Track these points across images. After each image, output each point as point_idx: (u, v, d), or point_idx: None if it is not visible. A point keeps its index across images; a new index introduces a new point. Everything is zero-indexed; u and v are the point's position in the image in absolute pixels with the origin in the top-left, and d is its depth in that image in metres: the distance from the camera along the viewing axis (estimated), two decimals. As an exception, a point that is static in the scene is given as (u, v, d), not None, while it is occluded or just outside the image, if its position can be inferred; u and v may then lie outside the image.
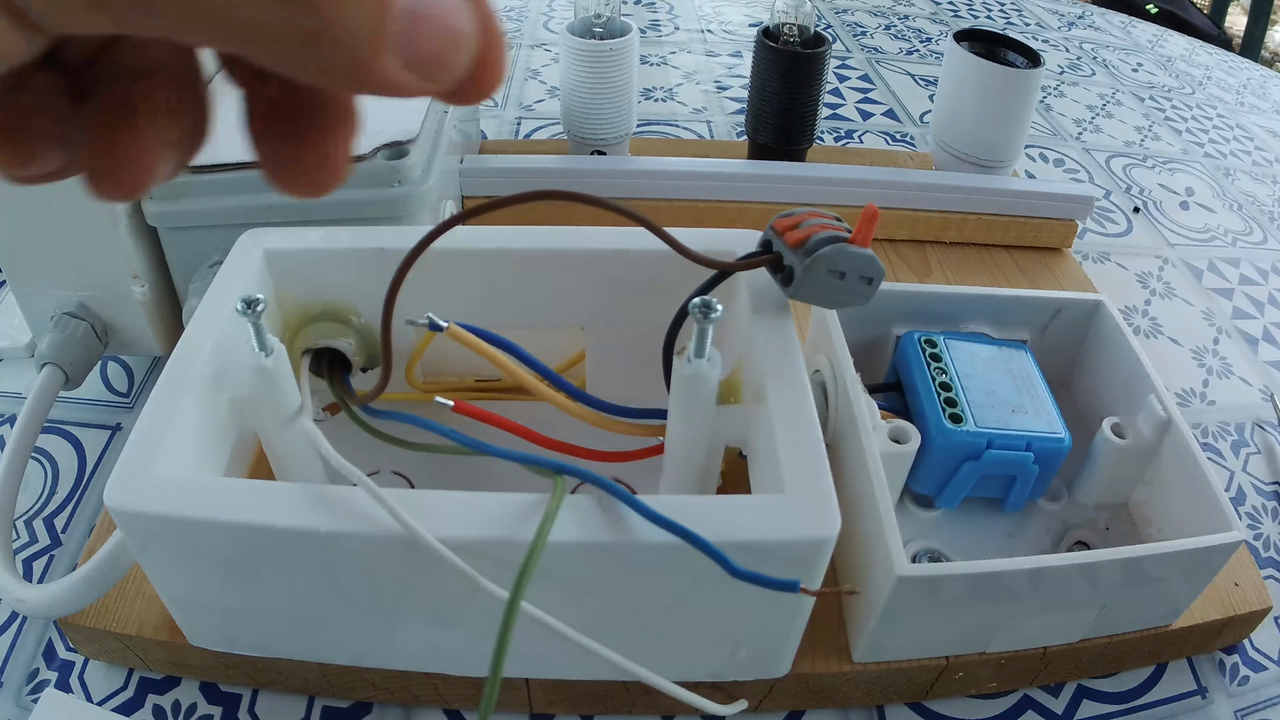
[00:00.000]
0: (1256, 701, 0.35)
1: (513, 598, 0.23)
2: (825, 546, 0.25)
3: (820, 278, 0.29)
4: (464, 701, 0.33)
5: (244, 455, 0.33)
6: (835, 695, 0.34)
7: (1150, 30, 1.01)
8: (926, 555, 0.36)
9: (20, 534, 0.39)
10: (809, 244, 0.29)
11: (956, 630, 0.32)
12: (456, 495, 0.26)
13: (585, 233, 0.35)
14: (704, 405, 0.29)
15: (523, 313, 0.36)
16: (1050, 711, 0.35)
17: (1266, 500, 0.44)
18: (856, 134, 0.72)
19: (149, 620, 0.32)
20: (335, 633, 0.30)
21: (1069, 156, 0.71)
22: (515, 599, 0.23)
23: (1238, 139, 0.78)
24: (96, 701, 0.33)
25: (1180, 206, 0.66)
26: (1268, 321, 0.56)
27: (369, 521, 0.25)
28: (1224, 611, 0.35)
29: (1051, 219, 0.55)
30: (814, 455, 0.27)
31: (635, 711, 0.33)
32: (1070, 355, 0.43)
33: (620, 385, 0.36)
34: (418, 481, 0.37)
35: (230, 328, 0.30)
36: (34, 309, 0.40)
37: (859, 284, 0.29)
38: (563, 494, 0.25)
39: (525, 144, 0.67)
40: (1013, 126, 0.54)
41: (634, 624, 0.28)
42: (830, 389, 0.36)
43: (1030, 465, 0.35)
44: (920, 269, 0.54)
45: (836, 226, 0.30)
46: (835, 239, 0.29)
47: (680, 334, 0.31)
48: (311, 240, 0.34)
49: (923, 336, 0.38)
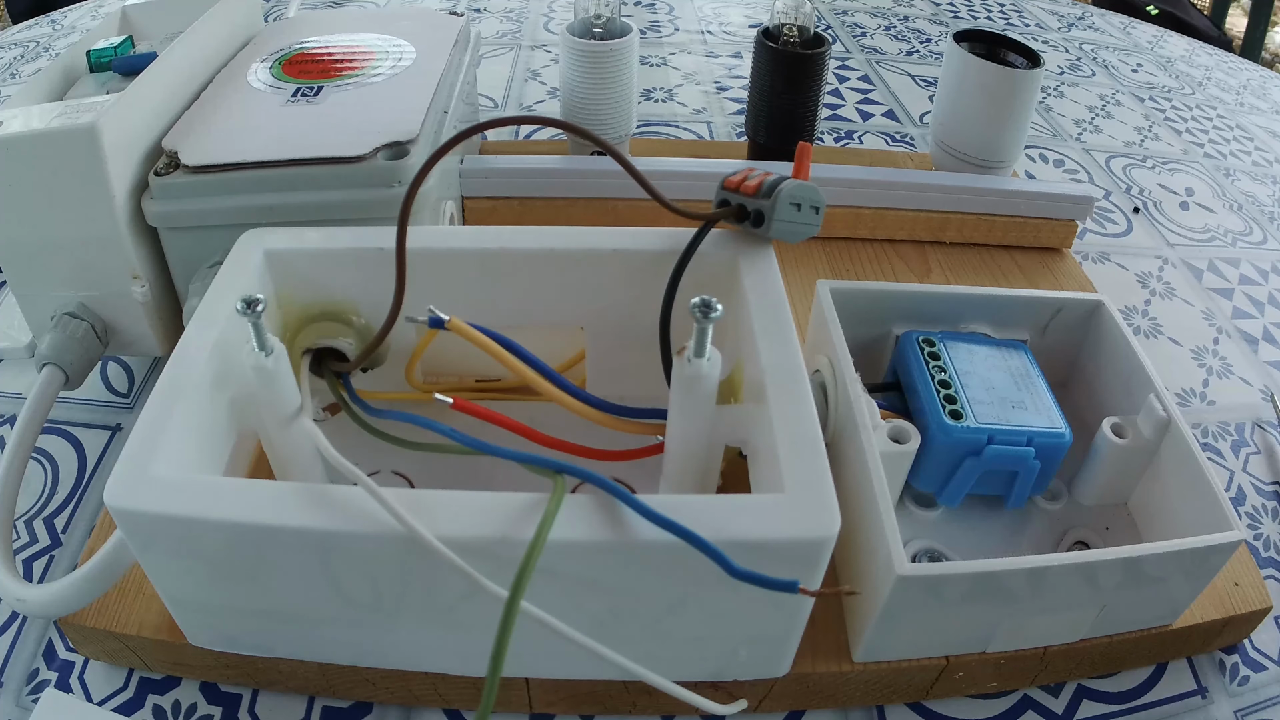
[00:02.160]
0: (1256, 701, 0.35)
1: (512, 596, 0.23)
2: (825, 546, 0.25)
3: (785, 210, 0.33)
4: (464, 701, 0.33)
5: (244, 455, 0.33)
6: (835, 695, 0.34)
7: (1150, 31, 1.01)
8: (926, 555, 0.36)
9: (20, 534, 0.39)
10: (765, 187, 0.33)
11: (956, 630, 0.32)
12: (456, 495, 0.26)
13: (585, 233, 0.35)
14: (704, 405, 0.29)
15: (523, 313, 0.36)
16: (1050, 711, 0.35)
17: (1266, 500, 0.44)
18: (856, 134, 0.72)
19: (149, 620, 0.32)
20: (335, 633, 0.30)
21: (1069, 157, 0.71)
22: (515, 598, 0.23)
23: (1238, 139, 0.78)
24: (96, 701, 0.33)
25: (1180, 207, 0.66)
26: (1268, 321, 0.56)
27: (369, 521, 0.25)
28: (1224, 611, 0.35)
29: (1051, 219, 0.55)
30: (814, 455, 0.27)
31: (635, 711, 0.33)
32: (1070, 355, 0.43)
33: (620, 385, 0.36)
34: (417, 481, 0.37)
35: (230, 328, 0.30)
36: (34, 309, 0.40)
37: (810, 213, 0.33)
38: (563, 493, 0.25)
39: (525, 144, 0.67)
40: (1012, 127, 0.54)
41: (634, 623, 0.28)
42: (830, 389, 0.36)
43: (1031, 461, 0.35)
44: (920, 269, 0.54)
45: (775, 173, 0.34)
46: (784, 178, 0.33)
47: (679, 333, 0.31)
48: (311, 240, 0.34)
49: (921, 336, 0.38)
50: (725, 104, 0.75)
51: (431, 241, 0.35)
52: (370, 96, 0.44)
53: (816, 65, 0.53)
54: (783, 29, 0.54)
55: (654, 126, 0.71)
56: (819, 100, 0.55)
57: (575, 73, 0.52)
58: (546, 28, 0.88)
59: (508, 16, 0.90)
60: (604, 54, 0.51)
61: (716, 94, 0.77)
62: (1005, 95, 0.52)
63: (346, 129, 0.41)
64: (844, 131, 0.72)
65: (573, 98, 0.53)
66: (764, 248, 0.34)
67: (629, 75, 0.52)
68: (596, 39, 0.52)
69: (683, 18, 0.93)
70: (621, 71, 0.52)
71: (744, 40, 0.88)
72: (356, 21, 0.53)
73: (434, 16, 0.54)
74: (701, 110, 0.74)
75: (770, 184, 0.33)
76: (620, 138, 0.55)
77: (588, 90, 0.52)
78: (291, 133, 0.41)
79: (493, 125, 0.33)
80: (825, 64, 0.53)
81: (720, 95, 0.77)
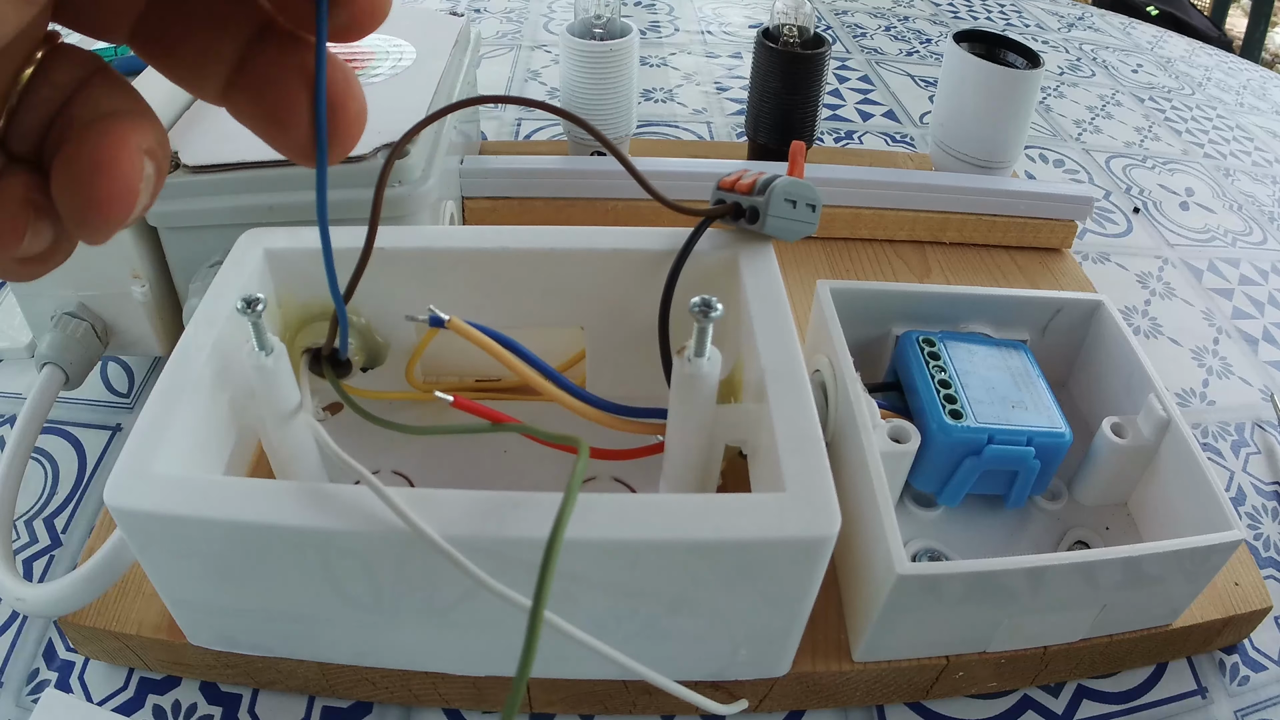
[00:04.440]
0: (1256, 701, 0.35)
1: (545, 566, 0.21)
2: (825, 545, 0.25)
3: (779, 207, 0.33)
4: (464, 701, 0.33)
5: (244, 455, 0.33)
6: (835, 695, 0.34)
7: (1150, 31, 1.01)
8: (926, 554, 0.36)
9: (20, 534, 0.39)
10: (759, 184, 0.33)
11: (956, 630, 0.32)
12: (456, 493, 0.26)
13: (585, 233, 0.35)
14: (704, 404, 0.29)
15: (523, 313, 0.36)
16: (1050, 711, 0.35)
17: (1266, 500, 0.44)
18: (856, 135, 0.72)
19: (149, 620, 0.32)
20: (335, 632, 0.30)
21: (1069, 157, 0.71)
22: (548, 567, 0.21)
23: (1237, 139, 0.78)
24: (96, 701, 0.33)
25: (1180, 207, 0.66)
26: (1268, 321, 0.56)
27: (369, 520, 0.25)
28: (1224, 611, 0.35)
29: (1051, 219, 0.55)
30: (814, 454, 0.27)
31: (635, 711, 0.33)
32: (1070, 355, 0.43)
33: (620, 385, 0.36)
34: (417, 481, 0.37)
35: (230, 327, 0.30)
36: (34, 309, 0.40)
37: (806, 211, 0.33)
38: (586, 457, 0.24)
39: (525, 145, 0.67)
40: (1012, 127, 0.54)
41: (634, 623, 0.28)
42: (830, 389, 0.36)
43: (1031, 460, 0.35)
44: (920, 269, 0.54)
45: (770, 171, 0.34)
46: (778, 176, 0.33)
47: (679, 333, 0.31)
48: (311, 240, 0.34)
49: (921, 336, 0.38)
50: (725, 104, 0.75)
51: (432, 241, 0.35)
52: (370, 97, 0.44)
53: (816, 65, 0.53)
54: (782, 29, 0.54)
55: (654, 127, 0.71)
56: (819, 100, 0.55)
57: (575, 73, 0.52)
58: (546, 28, 0.88)
59: (508, 17, 0.90)
60: (604, 54, 0.51)
61: (716, 94, 0.77)
62: (1005, 95, 0.52)
63: (346, 129, 0.40)
64: (844, 132, 0.72)
65: (573, 98, 0.53)
66: (764, 247, 0.34)
67: (629, 75, 0.52)
68: (596, 39, 0.52)
69: (683, 18, 0.93)
70: (621, 72, 0.52)
71: (744, 40, 0.88)
72: (356, 22, 0.53)
73: (434, 17, 0.54)
74: (701, 110, 0.74)
75: (764, 182, 0.33)
76: (620, 138, 0.55)
77: (588, 90, 0.52)
78: (291, 133, 0.40)
79: (487, 100, 0.34)
80: (825, 64, 0.53)
81: (720, 95, 0.77)
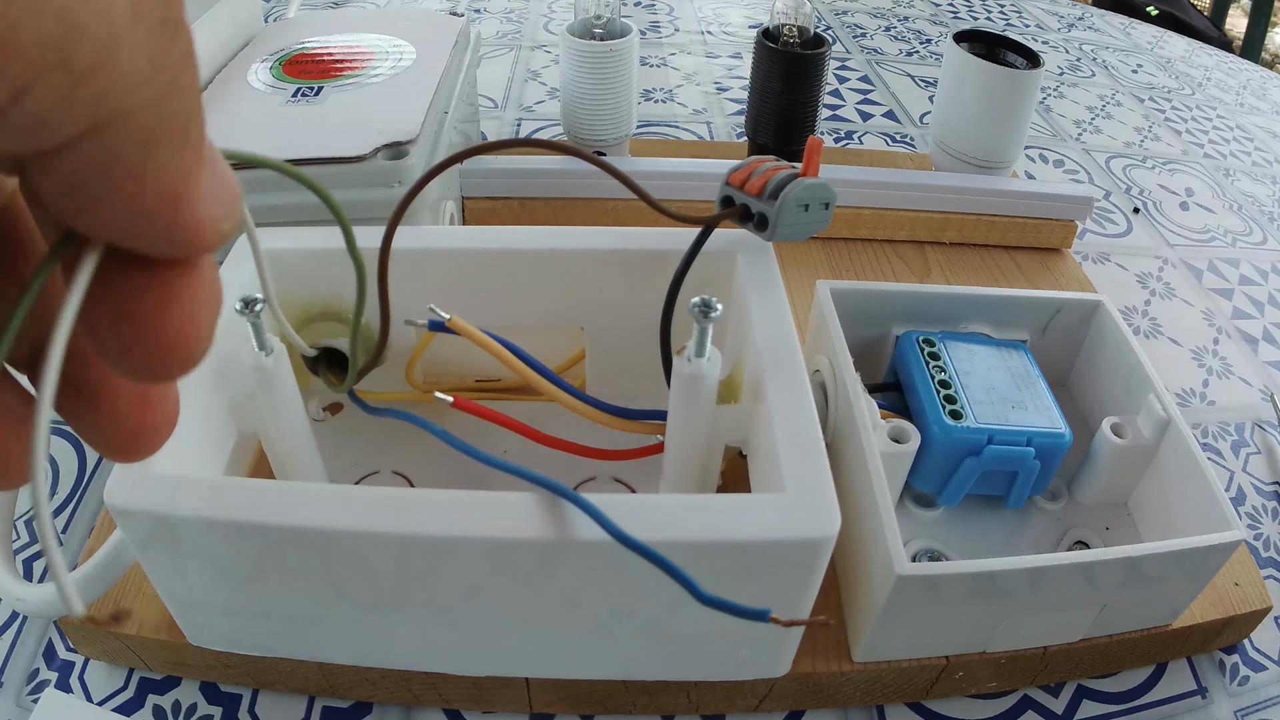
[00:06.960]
0: (1256, 701, 0.35)
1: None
2: (825, 546, 0.25)
3: (791, 214, 0.31)
4: (464, 702, 0.33)
5: (244, 455, 0.33)
6: (835, 695, 0.34)
7: (1150, 32, 1.01)
8: (926, 555, 0.36)
9: (20, 534, 0.39)
10: (770, 188, 0.31)
11: (956, 630, 0.32)
12: (457, 493, 0.26)
13: (585, 233, 0.35)
14: (704, 404, 0.29)
15: (523, 313, 0.36)
16: (1050, 711, 0.35)
17: (1266, 500, 0.44)
18: (856, 135, 0.72)
19: (149, 620, 0.32)
20: (335, 632, 0.30)
21: (1069, 157, 0.71)
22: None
23: (1237, 140, 0.78)
24: (96, 701, 0.33)
25: (1180, 207, 0.66)
26: (1268, 321, 0.56)
27: (370, 520, 0.25)
28: (1224, 611, 0.35)
29: (1051, 219, 0.55)
30: (814, 454, 0.27)
31: (635, 711, 0.33)
32: (1070, 355, 0.43)
33: (620, 385, 0.36)
34: (417, 481, 0.37)
35: (230, 328, 0.30)
36: (34, 309, 0.40)
37: (819, 211, 0.32)
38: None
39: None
40: (1012, 127, 0.54)
41: (634, 623, 0.28)
42: (830, 389, 0.36)
43: (1031, 461, 0.35)
44: (920, 269, 0.54)
45: (785, 167, 0.32)
46: (791, 177, 0.31)
47: (679, 333, 0.31)
48: (311, 240, 0.34)
49: (921, 336, 0.38)
50: (725, 104, 0.75)
51: (431, 241, 0.35)
52: (370, 97, 0.44)
53: (816, 66, 0.53)
54: (782, 29, 0.54)
55: (654, 127, 0.71)
56: (819, 101, 0.55)
57: (575, 73, 0.52)
58: (546, 28, 0.88)
59: (508, 17, 0.90)
60: (604, 54, 0.51)
61: (716, 94, 0.77)
62: (1005, 95, 0.52)
63: (347, 129, 0.41)
64: (844, 132, 0.72)
65: (573, 98, 0.53)
66: (764, 247, 0.34)
67: (629, 76, 0.52)
68: (596, 39, 0.52)
69: (683, 18, 0.93)
70: (621, 72, 0.52)
71: (744, 40, 0.88)
72: (356, 22, 0.53)
73: (434, 17, 0.54)
74: (701, 111, 0.74)
75: (776, 185, 0.31)
76: (620, 138, 0.55)
77: (588, 91, 0.52)
78: (292, 133, 0.41)
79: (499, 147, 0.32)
80: (825, 64, 0.53)
81: (720, 96, 0.77)
